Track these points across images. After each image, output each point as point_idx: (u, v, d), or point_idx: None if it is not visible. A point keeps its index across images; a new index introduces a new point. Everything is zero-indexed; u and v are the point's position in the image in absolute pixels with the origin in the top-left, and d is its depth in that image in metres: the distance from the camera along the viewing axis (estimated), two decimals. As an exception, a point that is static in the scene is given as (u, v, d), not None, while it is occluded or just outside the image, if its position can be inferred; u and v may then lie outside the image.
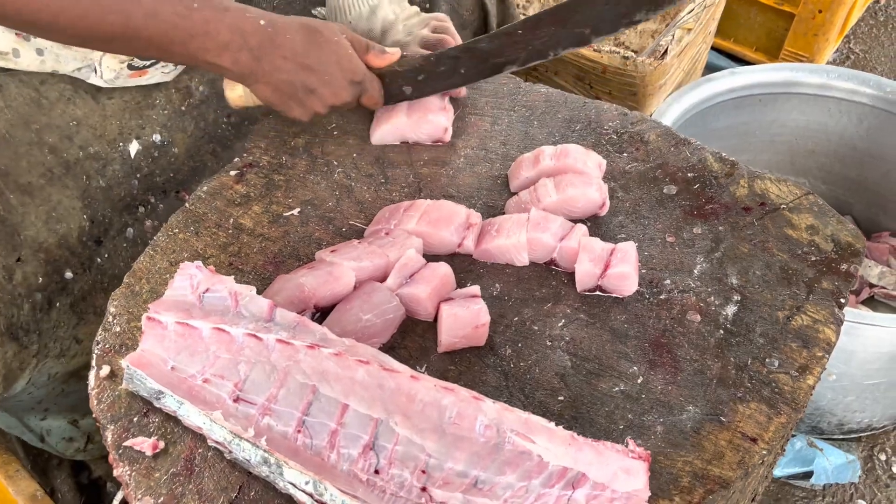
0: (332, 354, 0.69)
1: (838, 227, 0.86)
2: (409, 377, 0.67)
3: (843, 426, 1.34)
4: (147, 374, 0.69)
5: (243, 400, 0.68)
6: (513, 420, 0.65)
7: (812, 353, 0.76)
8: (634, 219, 0.88)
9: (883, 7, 2.27)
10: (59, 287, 0.91)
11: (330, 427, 0.66)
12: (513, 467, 0.64)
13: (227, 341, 0.71)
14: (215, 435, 0.67)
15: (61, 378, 0.95)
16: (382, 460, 0.65)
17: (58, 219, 0.92)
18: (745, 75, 1.47)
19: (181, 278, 0.76)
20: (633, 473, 0.62)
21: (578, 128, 0.98)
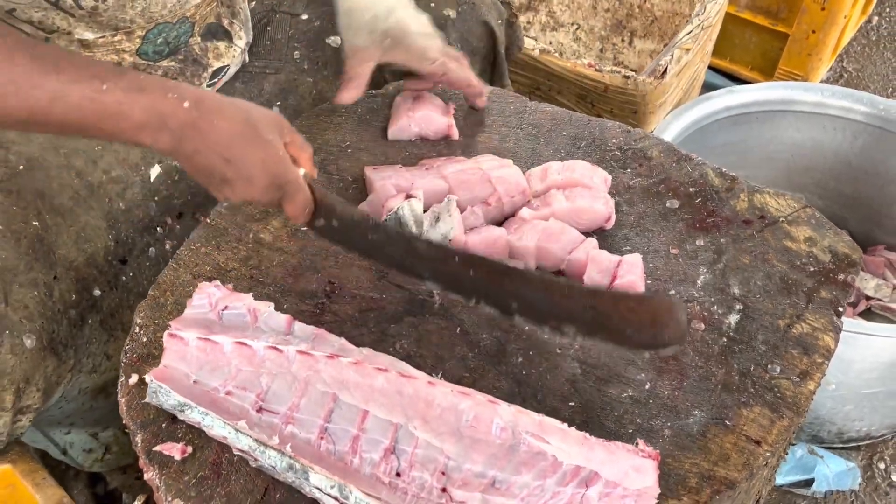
0: (350, 363, 0.72)
1: (835, 239, 0.90)
2: (426, 383, 0.71)
3: (843, 435, 1.37)
4: (171, 388, 0.72)
5: (266, 410, 0.71)
6: (527, 422, 0.68)
7: (812, 359, 0.79)
8: (639, 232, 0.92)
9: (875, 27, 2.33)
10: (89, 304, 0.94)
11: (352, 433, 0.69)
12: (528, 467, 0.67)
13: (248, 355, 0.74)
14: (241, 444, 0.69)
15: (90, 393, 0.98)
16: (403, 463, 0.68)
17: (86, 239, 0.95)
18: (743, 94, 1.51)
19: (199, 297, 0.78)
20: (643, 472, 0.65)
21: (583, 144, 1.02)
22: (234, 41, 1.06)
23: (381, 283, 0.86)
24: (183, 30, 0.98)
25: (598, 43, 1.94)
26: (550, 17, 1.97)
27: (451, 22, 1.17)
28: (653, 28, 1.88)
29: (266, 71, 1.14)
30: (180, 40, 0.98)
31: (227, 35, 1.05)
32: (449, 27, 1.17)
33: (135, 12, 0.90)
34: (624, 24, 1.91)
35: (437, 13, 1.16)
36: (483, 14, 1.19)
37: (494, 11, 1.21)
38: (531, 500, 0.65)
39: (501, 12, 1.23)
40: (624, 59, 1.92)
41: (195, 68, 1.02)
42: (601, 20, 1.93)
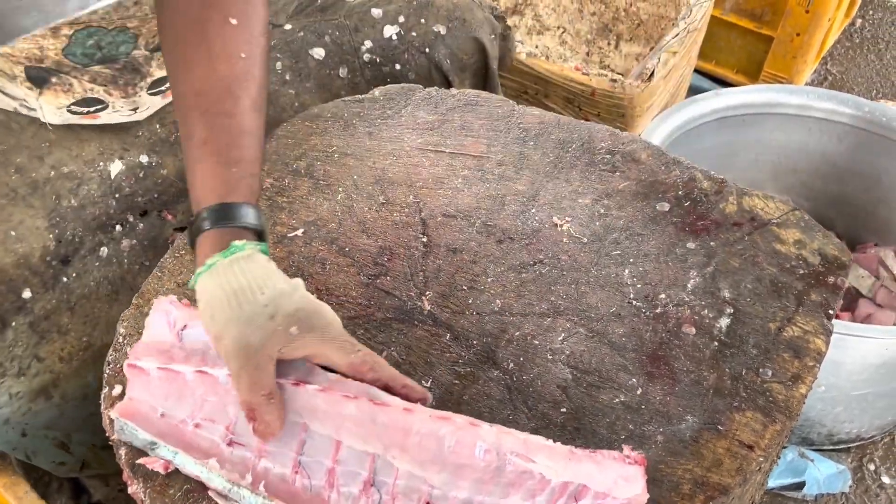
0: (318, 391, 0.67)
1: (824, 242, 0.90)
2: (402, 410, 0.66)
3: (833, 437, 1.37)
4: (137, 425, 0.69)
5: (236, 443, 0.68)
6: (512, 442, 0.66)
7: (803, 362, 0.79)
8: (628, 235, 0.91)
9: (858, 29, 2.34)
10: (15, 307, 0.92)
11: (326, 465, 0.66)
12: (516, 488, 0.65)
13: (211, 383, 0.69)
14: (214, 484, 0.66)
15: (26, 396, 0.96)
16: (385, 496, 0.65)
17: (18, 238, 0.93)
18: (729, 96, 1.52)
19: (157, 316, 0.74)
20: (631, 480, 0.64)
21: (572, 148, 1.02)
22: None
23: (369, 290, 0.85)
24: (121, 39, 0.94)
25: (584, 46, 1.94)
26: (536, 20, 1.97)
27: (441, 38, 1.16)
28: (639, 31, 1.88)
29: None
30: (118, 49, 0.95)
31: None
32: (439, 43, 1.17)
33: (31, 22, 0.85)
34: (610, 28, 1.91)
35: (427, 28, 1.16)
36: (474, 30, 1.18)
37: (487, 26, 1.20)
38: None
39: (495, 27, 1.22)
40: (610, 62, 1.92)
41: (132, 76, 0.98)
42: (587, 24, 1.93)
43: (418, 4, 1.16)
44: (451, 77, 1.19)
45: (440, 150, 1.02)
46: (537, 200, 0.95)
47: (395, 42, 1.16)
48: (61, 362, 0.96)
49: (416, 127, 1.05)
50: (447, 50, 1.17)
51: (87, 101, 0.98)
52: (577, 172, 0.99)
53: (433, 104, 1.07)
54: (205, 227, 0.72)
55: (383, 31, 1.16)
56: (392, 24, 1.16)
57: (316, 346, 0.67)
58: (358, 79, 1.19)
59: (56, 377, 0.96)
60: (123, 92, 0.99)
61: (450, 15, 1.16)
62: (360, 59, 1.18)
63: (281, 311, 0.66)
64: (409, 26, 1.16)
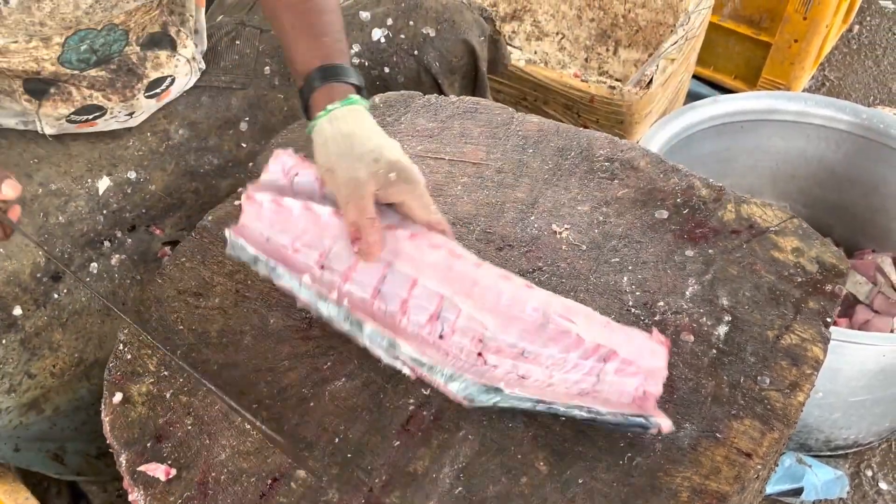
0: (407, 237, 0.78)
1: (822, 250, 0.90)
2: (473, 264, 0.78)
3: (831, 443, 1.38)
4: (247, 242, 0.80)
5: (328, 268, 0.78)
6: (557, 304, 0.76)
7: (801, 370, 0.79)
8: (627, 243, 0.92)
9: (856, 35, 2.35)
10: (5, 324, 0.92)
11: (401, 296, 0.77)
12: (555, 342, 0.74)
13: (314, 218, 0.80)
14: (303, 295, 0.77)
15: (17, 412, 0.95)
16: (446, 328, 0.76)
17: (7, 256, 0.93)
18: (727, 103, 1.52)
19: (274, 163, 0.85)
20: (655, 354, 0.74)
21: (571, 156, 1.02)
22: (179, 50, 1.03)
23: (369, 297, 0.86)
24: (113, 37, 0.94)
25: (582, 52, 1.95)
26: (535, 26, 1.98)
27: (430, 40, 1.16)
28: (637, 38, 1.89)
29: (233, 86, 1.13)
30: (111, 49, 0.95)
31: (172, 44, 1.02)
32: (427, 45, 1.16)
33: (43, 14, 0.86)
34: (609, 34, 1.92)
35: (415, 31, 1.15)
36: (463, 32, 1.17)
37: (476, 29, 1.19)
38: (555, 369, 0.74)
39: (484, 29, 1.21)
40: (609, 68, 1.92)
41: (128, 78, 0.98)
42: (586, 30, 1.93)
43: (407, 7, 1.15)
44: (441, 80, 1.19)
45: (440, 157, 1.02)
46: (536, 208, 0.96)
47: (384, 45, 1.16)
48: (52, 377, 0.96)
49: (416, 134, 1.05)
50: (436, 52, 1.16)
51: (86, 109, 0.98)
52: (575, 180, 0.99)
53: (433, 111, 1.08)
54: (316, 85, 0.85)
55: (371, 33, 1.15)
56: (380, 26, 1.15)
57: (405, 195, 0.80)
58: None
59: (47, 392, 0.96)
60: (122, 96, 0.99)
61: (439, 17, 1.15)
62: None
63: (384, 158, 0.79)
64: (397, 29, 1.15)
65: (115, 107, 1.00)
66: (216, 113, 1.12)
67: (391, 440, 0.74)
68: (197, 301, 0.85)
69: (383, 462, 0.72)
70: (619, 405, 0.72)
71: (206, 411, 0.76)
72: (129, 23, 0.95)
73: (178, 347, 0.81)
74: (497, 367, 0.74)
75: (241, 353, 0.80)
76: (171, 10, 1.01)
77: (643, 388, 0.73)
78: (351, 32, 1.15)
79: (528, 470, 0.72)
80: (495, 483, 0.71)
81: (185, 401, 0.77)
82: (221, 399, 0.74)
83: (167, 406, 0.76)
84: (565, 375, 0.74)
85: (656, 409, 0.72)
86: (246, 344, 0.81)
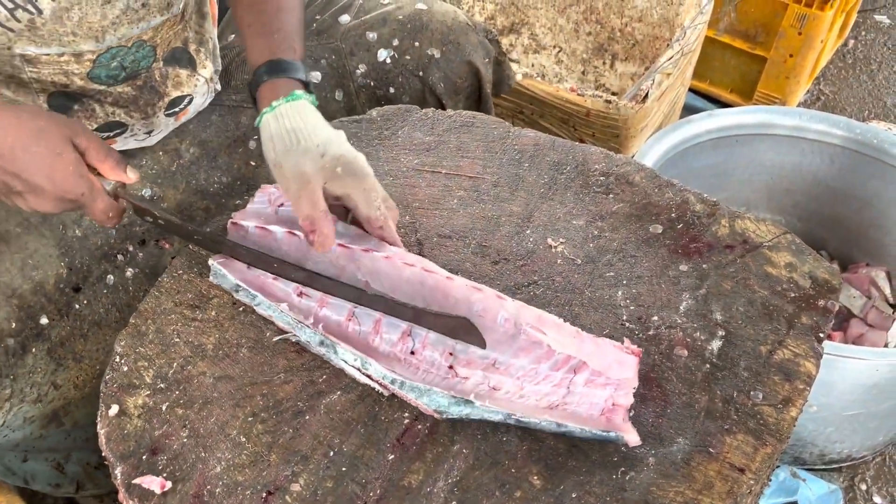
0: (383, 258, 0.83)
1: (815, 265, 0.91)
2: (445, 278, 0.81)
3: (825, 456, 1.38)
4: (227, 272, 0.84)
5: (305, 295, 0.83)
6: (528, 315, 0.78)
7: (794, 385, 0.79)
8: (622, 257, 0.92)
9: (851, 50, 2.37)
10: (34, 333, 0.93)
11: (374, 317, 0.81)
12: (526, 353, 0.76)
13: (297, 243, 0.85)
14: (281, 322, 0.82)
15: (39, 422, 0.96)
16: (417, 343, 0.79)
17: (34, 266, 0.94)
18: (723, 117, 1.53)
19: (260, 195, 0.91)
20: (625, 365, 0.74)
21: (567, 170, 1.03)
22: (198, 70, 1.05)
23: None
24: (141, 54, 0.96)
25: (579, 66, 1.96)
26: (533, 39, 1.99)
27: (435, 61, 1.17)
28: (634, 51, 1.90)
29: (244, 105, 1.14)
30: (140, 65, 0.97)
31: (192, 63, 1.04)
32: (432, 66, 1.17)
33: (72, 24, 0.88)
34: (605, 48, 1.93)
35: (421, 52, 1.16)
36: (468, 54, 1.18)
37: (481, 50, 1.20)
38: (525, 380, 0.75)
39: (489, 51, 1.22)
40: (606, 81, 1.94)
41: (150, 96, 1.00)
42: (583, 43, 1.95)
43: (412, 28, 1.16)
44: (445, 100, 1.20)
45: (436, 171, 1.03)
46: (532, 222, 0.96)
47: (389, 65, 1.17)
48: (75, 389, 0.97)
49: (413, 148, 1.06)
50: (441, 73, 1.17)
51: (108, 126, 1.00)
52: (571, 194, 1.00)
53: (429, 125, 1.09)
54: (262, 80, 0.88)
55: (377, 54, 1.16)
56: (386, 47, 1.16)
57: (350, 188, 0.83)
58: (353, 102, 1.20)
59: (67, 403, 0.97)
60: (143, 113, 1.01)
61: (444, 38, 1.16)
62: (354, 82, 1.18)
63: (330, 152, 0.83)
64: (402, 49, 1.16)
65: (135, 124, 1.02)
66: (226, 131, 1.13)
67: (386, 454, 0.74)
68: (193, 313, 0.85)
69: (378, 476, 0.72)
70: (589, 417, 0.73)
71: (201, 424, 0.76)
72: (156, 38, 0.97)
73: (173, 360, 0.81)
74: (468, 379, 0.76)
75: (236, 366, 0.81)
76: (190, 26, 1.03)
77: (612, 400, 0.74)
78: (357, 53, 1.17)
79: (521, 484, 0.72)
80: (489, 497, 0.71)
81: (180, 413, 0.77)
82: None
83: (163, 419, 0.76)
84: (536, 387, 0.75)
85: (626, 421, 0.73)
86: (242, 356, 0.82)
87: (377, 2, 1.20)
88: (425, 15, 1.16)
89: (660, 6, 1.82)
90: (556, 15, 1.95)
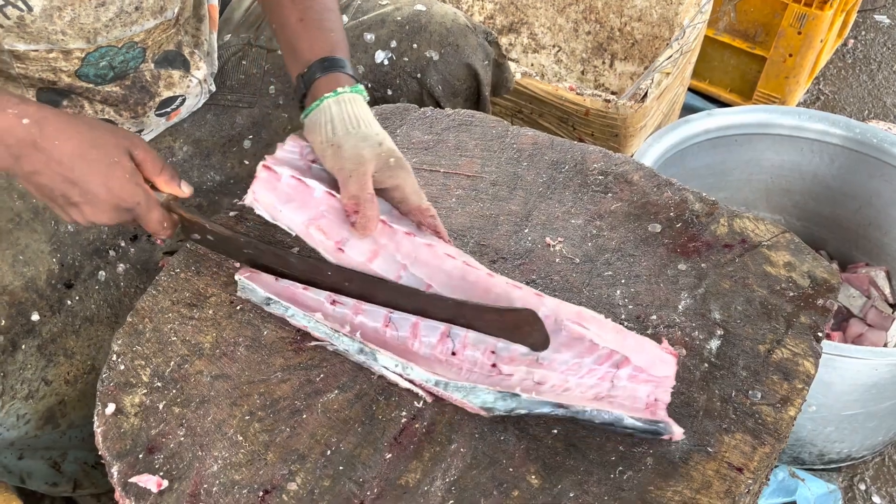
0: (425, 244, 0.81)
1: (814, 264, 0.91)
2: (486, 274, 0.80)
3: (824, 456, 1.38)
4: (257, 286, 0.82)
5: (338, 302, 0.81)
6: (568, 311, 0.78)
7: (793, 385, 0.79)
8: (620, 256, 0.92)
9: (850, 50, 2.37)
10: (24, 329, 0.93)
11: (412, 320, 0.79)
12: (568, 347, 0.76)
13: (335, 204, 0.82)
14: (318, 332, 0.80)
15: (34, 421, 0.96)
16: (458, 344, 0.78)
17: (25, 262, 0.94)
18: (722, 117, 1.53)
19: (292, 144, 0.87)
20: (666, 363, 0.75)
21: (565, 169, 1.03)
22: (192, 71, 1.04)
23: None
24: (131, 55, 0.95)
25: (579, 65, 1.96)
26: (532, 39, 1.99)
27: (434, 63, 1.15)
28: (633, 51, 1.90)
29: (239, 104, 1.13)
30: (129, 65, 0.96)
31: (185, 65, 1.03)
32: (431, 69, 1.16)
33: (63, 23, 0.88)
34: (605, 47, 1.93)
35: (419, 54, 1.15)
36: (467, 56, 1.17)
37: (480, 53, 1.19)
38: (570, 374, 0.75)
39: (488, 53, 1.21)
40: (605, 80, 1.93)
41: (141, 96, 1.00)
42: (582, 42, 1.95)
43: (411, 29, 1.15)
44: (443, 103, 1.18)
45: (435, 170, 1.03)
46: (530, 221, 0.96)
47: (387, 67, 1.16)
48: (67, 385, 0.97)
49: (411, 146, 1.06)
50: (439, 76, 1.16)
51: None
52: (569, 193, 0.99)
53: (428, 124, 1.08)
54: (319, 74, 0.89)
55: (375, 55, 1.15)
56: (384, 49, 1.15)
57: (400, 181, 0.84)
58: None
59: (61, 400, 0.97)
60: (133, 112, 1.00)
61: (442, 41, 1.15)
62: None
63: (386, 144, 0.85)
64: (401, 51, 1.15)
65: (125, 123, 1.01)
66: (220, 131, 1.13)
67: (383, 453, 0.74)
68: (191, 312, 0.85)
69: (375, 475, 0.72)
70: (634, 410, 0.73)
71: (198, 423, 0.76)
72: (147, 41, 0.96)
73: (170, 359, 0.81)
74: (512, 376, 0.76)
75: (234, 365, 0.81)
76: (186, 30, 1.03)
77: (654, 396, 0.74)
78: (355, 54, 1.16)
79: (519, 483, 0.72)
80: (487, 496, 0.71)
81: (177, 412, 0.77)
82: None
83: (160, 417, 0.76)
84: (580, 380, 0.75)
85: (667, 417, 0.73)
86: (239, 355, 0.81)
87: (375, 2, 1.19)
88: (424, 16, 1.15)
89: (659, 5, 1.82)
90: (555, 14, 1.95)
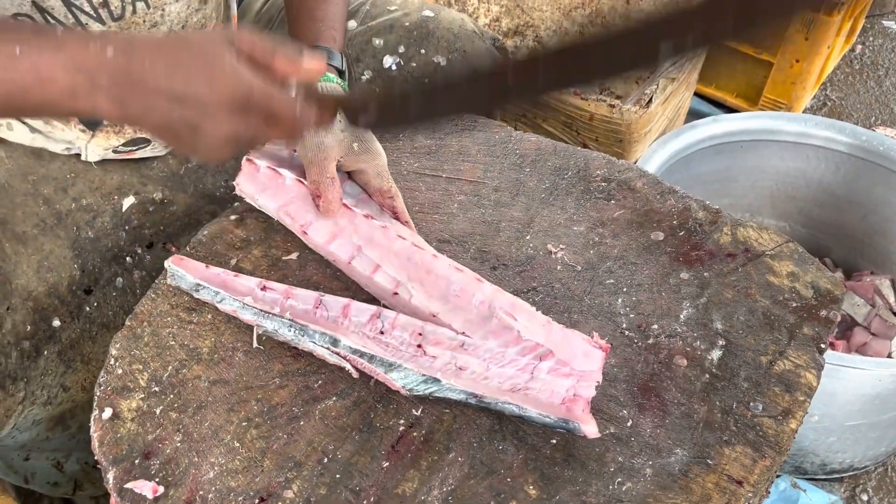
0: (380, 226, 0.87)
1: (818, 275, 0.90)
2: (431, 255, 0.84)
3: (826, 466, 1.37)
4: (186, 272, 0.84)
5: (269, 288, 0.84)
6: (503, 300, 0.80)
7: (794, 397, 0.79)
8: (622, 264, 0.91)
9: (858, 55, 2.36)
10: (46, 335, 0.93)
11: (343, 302, 0.82)
12: (496, 336, 0.78)
13: (303, 190, 0.90)
14: (246, 315, 0.81)
15: (45, 424, 0.96)
16: (386, 325, 0.80)
17: (49, 268, 0.94)
18: (727, 122, 1.52)
19: None
20: (591, 357, 0.75)
21: (568, 175, 1.02)
22: None
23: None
24: None
25: (584, 69, 1.95)
26: (538, 42, 1.98)
27: (441, 69, 1.16)
28: (639, 55, 1.89)
29: None
30: None
31: None
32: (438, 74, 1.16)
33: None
34: (610, 51, 1.92)
35: (427, 59, 1.15)
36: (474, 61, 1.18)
37: (487, 58, 1.20)
38: (492, 362, 0.77)
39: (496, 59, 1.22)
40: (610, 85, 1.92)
41: None
42: (588, 46, 1.94)
43: (419, 35, 1.15)
44: None
45: (437, 175, 1.03)
46: (532, 227, 0.96)
47: (395, 72, 1.16)
48: (83, 392, 0.98)
49: (414, 151, 1.05)
50: None
51: (134, 141, 1.01)
52: (572, 200, 0.99)
53: (431, 128, 1.08)
54: None
55: (383, 60, 1.16)
56: (392, 54, 1.15)
57: (364, 164, 0.89)
58: None
59: (75, 406, 0.97)
60: None
61: (450, 46, 1.15)
62: None
63: (349, 129, 0.88)
64: (408, 56, 1.16)
65: None
66: None
67: (380, 461, 0.73)
68: (189, 316, 0.85)
69: (372, 483, 0.72)
70: (550, 405, 0.74)
71: (195, 429, 0.75)
72: None
73: (168, 363, 0.81)
74: (436, 359, 0.77)
75: (232, 370, 0.80)
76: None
77: (574, 390, 0.74)
78: (363, 59, 1.17)
79: (517, 493, 0.71)
80: (484, 506, 0.70)
81: (174, 417, 0.76)
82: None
83: (156, 423, 0.76)
84: (500, 369, 0.76)
85: (586, 413, 0.73)
86: (237, 360, 0.81)
87: (384, 8, 1.19)
88: (432, 22, 1.16)
89: (665, 10, 1.81)
90: (561, 17, 1.94)
